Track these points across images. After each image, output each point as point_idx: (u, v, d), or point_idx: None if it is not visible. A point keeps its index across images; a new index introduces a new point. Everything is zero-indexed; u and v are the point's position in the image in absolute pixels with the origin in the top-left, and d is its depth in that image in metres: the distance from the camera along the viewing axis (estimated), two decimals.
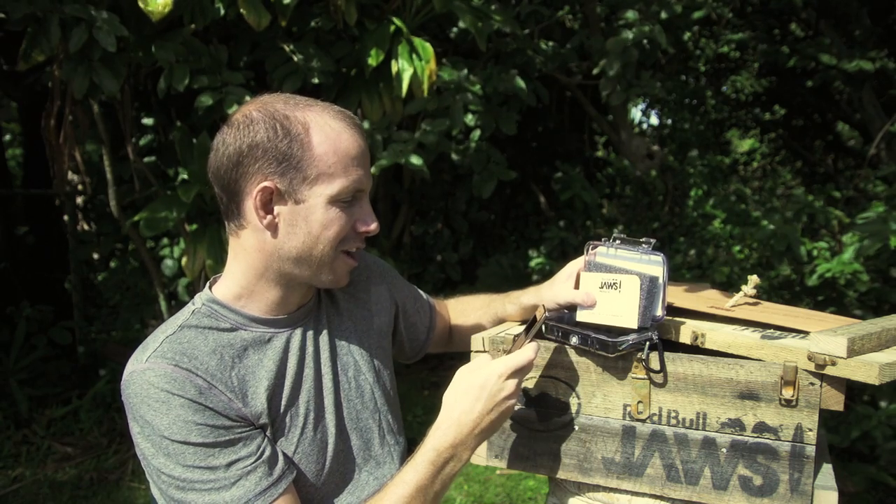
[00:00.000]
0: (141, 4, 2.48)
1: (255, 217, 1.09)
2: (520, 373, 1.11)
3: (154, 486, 1.06)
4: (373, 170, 3.04)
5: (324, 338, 1.21)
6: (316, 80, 3.03)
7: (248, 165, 1.07)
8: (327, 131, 1.09)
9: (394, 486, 1.08)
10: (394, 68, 2.95)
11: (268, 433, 1.10)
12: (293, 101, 1.11)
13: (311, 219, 1.09)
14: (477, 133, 3.55)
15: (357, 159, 1.11)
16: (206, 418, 1.03)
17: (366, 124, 3.18)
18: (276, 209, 1.09)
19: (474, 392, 1.08)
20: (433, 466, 1.07)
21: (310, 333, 1.20)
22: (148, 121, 3.97)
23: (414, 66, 2.94)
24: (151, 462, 1.03)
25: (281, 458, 1.09)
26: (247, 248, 1.12)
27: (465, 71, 3.30)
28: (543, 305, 1.18)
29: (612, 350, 1.14)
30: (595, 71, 3.60)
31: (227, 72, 2.90)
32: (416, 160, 3.07)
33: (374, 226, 1.15)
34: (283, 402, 1.12)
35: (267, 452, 1.07)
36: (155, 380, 1.02)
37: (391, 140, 3.17)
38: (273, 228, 1.10)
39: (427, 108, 3.23)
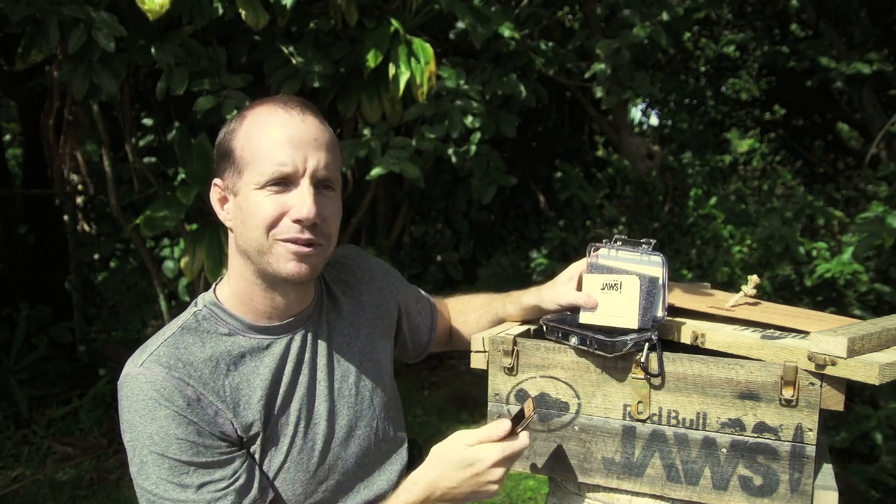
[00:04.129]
0: (138, 3, 2.47)
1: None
2: (509, 461, 1.08)
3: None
4: (368, 178, 3.06)
5: (323, 343, 1.20)
6: (316, 84, 3.02)
7: (216, 166, 1.14)
8: (258, 120, 1.09)
9: None
10: (391, 71, 2.95)
11: (258, 442, 1.10)
12: (270, 98, 1.13)
13: (244, 208, 1.09)
14: (477, 136, 3.55)
15: (283, 144, 1.05)
16: (188, 433, 1.03)
17: (366, 131, 3.18)
18: (226, 206, 1.13)
19: (460, 465, 1.07)
20: None
21: (309, 338, 1.19)
22: (148, 121, 3.97)
23: (411, 68, 2.93)
24: (130, 467, 1.06)
25: (255, 487, 1.09)
26: (232, 247, 1.15)
27: (464, 79, 3.28)
28: (533, 399, 1.16)
29: (610, 350, 1.14)
30: (587, 75, 3.60)
31: (225, 75, 2.89)
32: (411, 170, 3.05)
33: (305, 212, 1.05)
34: (276, 409, 1.12)
35: (241, 480, 1.07)
36: (146, 386, 1.03)
37: (389, 146, 3.16)
38: (230, 225, 1.13)
39: (426, 114, 3.23)
